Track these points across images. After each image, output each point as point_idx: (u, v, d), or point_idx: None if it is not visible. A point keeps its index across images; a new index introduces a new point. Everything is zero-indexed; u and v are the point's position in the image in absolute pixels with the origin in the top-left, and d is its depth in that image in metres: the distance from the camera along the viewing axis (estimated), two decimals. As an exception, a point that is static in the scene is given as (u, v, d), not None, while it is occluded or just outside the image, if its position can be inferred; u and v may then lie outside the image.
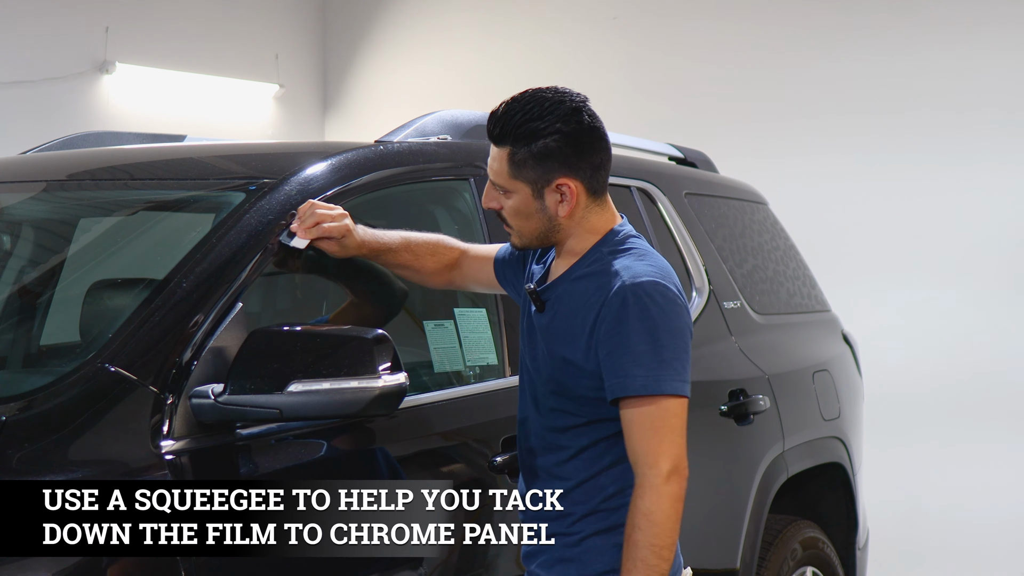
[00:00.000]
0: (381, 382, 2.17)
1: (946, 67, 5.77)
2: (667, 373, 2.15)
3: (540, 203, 2.26)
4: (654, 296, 2.17)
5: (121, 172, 3.02)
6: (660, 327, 2.16)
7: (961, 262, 5.73)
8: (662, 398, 2.15)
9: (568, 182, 2.24)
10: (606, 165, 2.30)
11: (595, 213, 2.30)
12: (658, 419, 2.16)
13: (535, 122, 2.22)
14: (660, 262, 2.26)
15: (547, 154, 2.22)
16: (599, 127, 2.29)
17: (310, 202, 2.46)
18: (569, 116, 2.24)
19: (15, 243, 3.11)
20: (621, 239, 2.29)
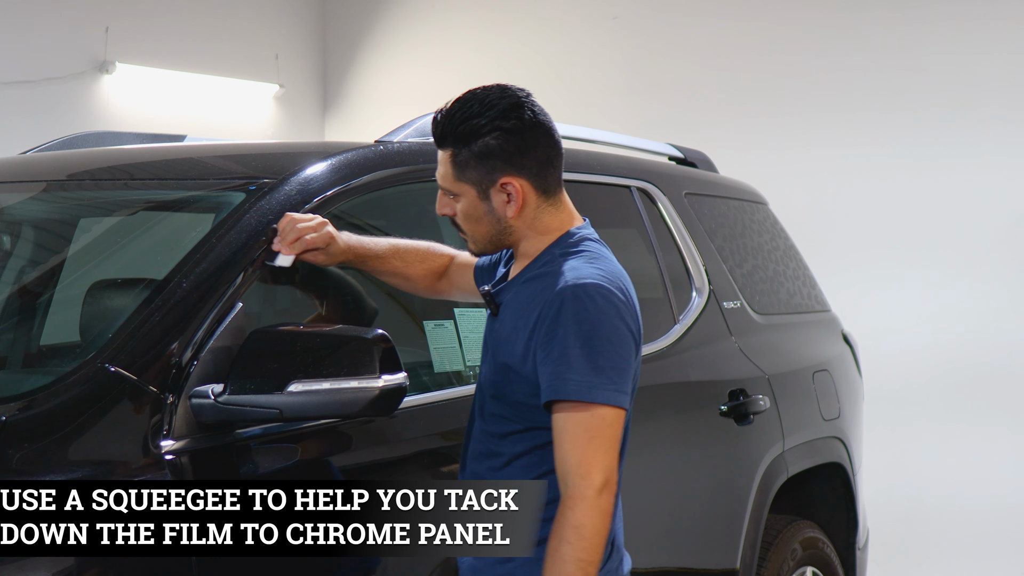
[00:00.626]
0: (381, 382, 2.17)
1: (947, 63, 5.77)
2: (601, 381, 2.05)
3: (487, 205, 2.19)
4: (595, 299, 2.08)
5: (121, 172, 3.02)
6: (597, 332, 2.06)
7: (960, 253, 5.72)
8: (596, 407, 2.05)
9: (512, 181, 2.16)
10: (555, 161, 2.21)
11: (548, 214, 2.22)
12: (592, 428, 2.05)
13: (474, 120, 2.14)
14: (611, 266, 2.18)
15: (488, 153, 2.15)
16: (544, 121, 2.19)
17: (288, 216, 2.39)
18: (509, 112, 2.15)
19: (15, 243, 3.11)
20: (576, 241, 2.21)
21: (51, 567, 1.93)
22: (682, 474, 3.33)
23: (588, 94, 6.82)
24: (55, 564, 1.93)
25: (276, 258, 2.35)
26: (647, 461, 3.18)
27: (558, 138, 2.22)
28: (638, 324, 2.15)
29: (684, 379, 3.37)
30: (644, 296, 3.50)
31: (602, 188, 3.44)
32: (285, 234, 2.36)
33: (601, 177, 3.43)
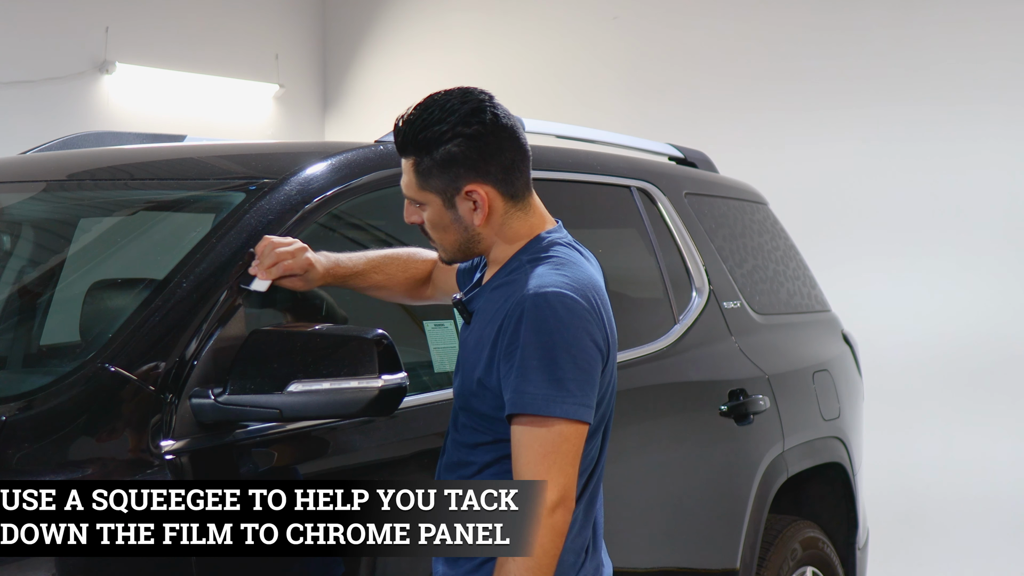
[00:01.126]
0: (381, 382, 2.17)
1: (947, 62, 5.77)
2: (561, 395, 1.98)
3: (454, 213, 2.12)
4: (556, 308, 2.01)
5: (121, 172, 3.02)
6: (558, 344, 1.99)
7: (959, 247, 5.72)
8: (554, 421, 1.99)
9: (477, 188, 2.09)
10: (521, 165, 2.14)
11: (517, 219, 2.15)
12: (548, 444, 1.99)
13: (435, 127, 2.07)
14: (578, 272, 2.10)
15: (451, 160, 2.08)
16: (508, 124, 2.11)
17: (267, 239, 2.33)
18: (470, 117, 2.08)
19: (15, 243, 3.11)
20: (544, 246, 2.14)
21: (51, 567, 1.93)
22: (682, 474, 3.33)
23: (588, 94, 6.83)
24: (55, 564, 1.93)
25: (252, 282, 2.30)
26: (647, 461, 3.18)
27: (524, 141, 2.16)
28: (606, 332, 2.09)
29: (684, 379, 3.37)
30: (644, 296, 3.52)
31: (602, 188, 3.44)
32: (263, 258, 2.30)
33: (601, 177, 3.43)
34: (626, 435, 3.08)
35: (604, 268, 3.42)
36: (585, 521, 2.19)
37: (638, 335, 3.29)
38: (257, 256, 2.32)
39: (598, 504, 2.25)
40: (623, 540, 3.07)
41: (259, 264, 2.31)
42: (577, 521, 2.17)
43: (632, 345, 3.22)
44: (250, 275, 2.31)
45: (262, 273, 2.30)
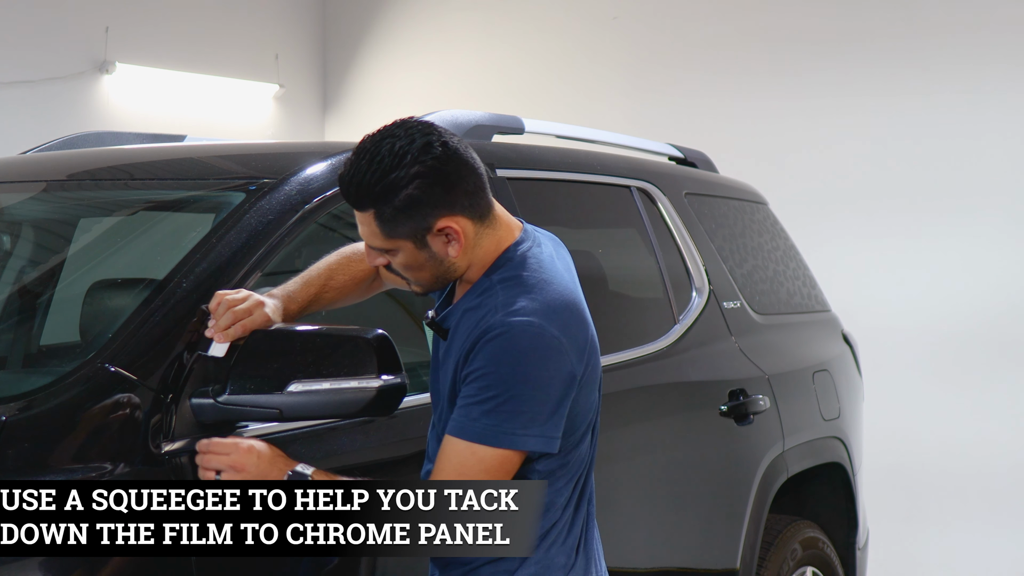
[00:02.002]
0: (380, 382, 2.17)
1: (946, 62, 5.78)
2: (492, 422, 1.98)
3: (427, 252, 2.08)
4: (519, 341, 1.98)
5: (121, 172, 3.02)
6: (516, 377, 1.97)
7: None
8: (476, 446, 1.99)
9: (449, 223, 2.05)
10: (481, 186, 2.09)
11: (487, 237, 2.11)
12: (463, 464, 2.01)
13: (390, 175, 2.00)
14: (549, 293, 2.06)
15: (415, 203, 2.01)
16: (458, 150, 2.05)
17: (219, 295, 2.20)
18: (422, 154, 2.01)
19: (15, 243, 3.11)
20: (516, 263, 2.10)
21: (51, 567, 1.93)
22: (682, 474, 3.33)
23: (588, 94, 6.83)
24: (55, 564, 1.93)
25: (210, 347, 2.16)
26: (647, 461, 3.19)
27: (477, 161, 2.09)
28: (572, 359, 2.04)
29: (684, 379, 3.37)
30: (644, 296, 3.52)
31: (602, 188, 3.44)
32: (219, 318, 2.17)
33: (601, 177, 3.43)
34: (626, 435, 3.08)
35: (604, 268, 3.44)
36: (574, 523, 2.20)
37: (638, 335, 3.29)
38: (212, 315, 2.19)
39: (586, 512, 2.24)
40: (623, 540, 3.07)
41: (215, 325, 2.17)
42: (565, 524, 2.18)
43: (632, 345, 3.22)
44: (207, 339, 2.18)
45: (219, 336, 2.16)
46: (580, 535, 2.22)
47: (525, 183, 3.05)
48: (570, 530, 2.18)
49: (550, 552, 2.15)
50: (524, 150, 3.19)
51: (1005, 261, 5.62)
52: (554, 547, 2.15)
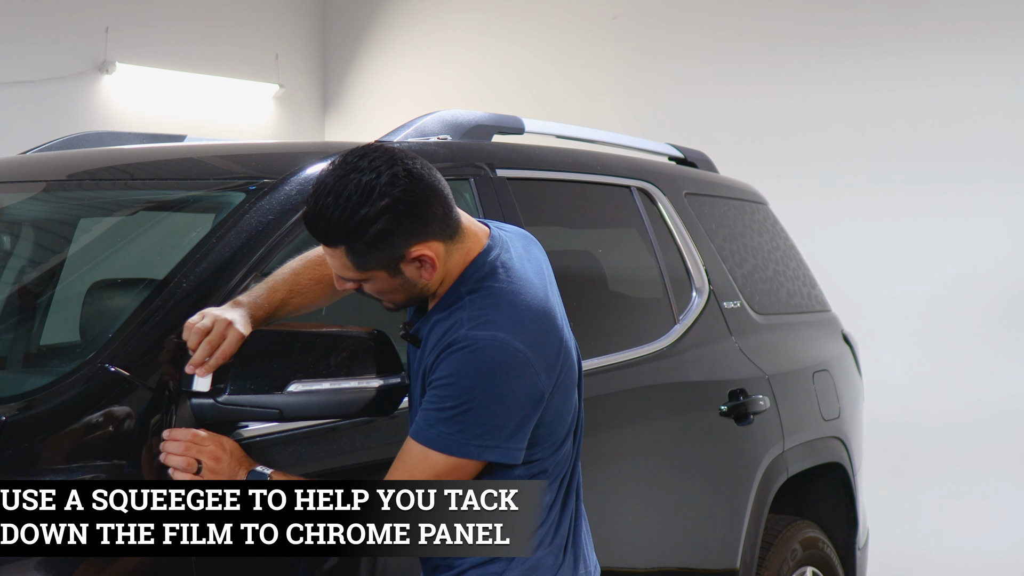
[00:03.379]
0: (380, 382, 2.17)
1: (947, 67, 5.78)
2: (449, 431, 2.00)
3: (401, 278, 2.08)
4: (482, 355, 1.99)
5: (121, 172, 3.02)
6: (475, 390, 1.99)
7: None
8: (429, 451, 2.02)
9: (423, 250, 2.05)
10: (448, 207, 2.07)
11: (456, 252, 2.10)
12: (414, 467, 2.03)
13: (359, 211, 1.98)
14: (516, 307, 2.06)
15: (386, 236, 2.00)
16: (423, 176, 2.03)
17: (187, 325, 2.14)
18: (389, 187, 1.98)
19: (15, 243, 3.11)
20: (484, 275, 2.10)
21: (51, 567, 1.92)
22: (682, 474, 3.33)
23: (588, 94, 6.83)
24: (55, 564, 1.93)
25: (193, 382, 2.13)
26: (647, 461, 3.18)
27: (441, 182, 2.07)
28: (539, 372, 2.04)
29: (684, 379, 3.37)
30: (644, 296, 3.52)
31: (602, 188, 3.44)
32: (194, 352, 2.12)
33: (601, 177, 3.43)
34: (626, 435, 3.08)
35: (604, 268, 3.44)
36: (560, 522, 2.20)
37: (638, 335, 3.29)
38: (189, 347, 2.14)
39: (573, 508, 2.25)
40: (623, 540, 3.07)
41: (193, 360, 2.12)
42: (552, 524, 2.18)
43: (632, 345, 3.22)
44: (188, 374, 2.14)
45: (200, 371, 2.12)
46: (568, 533, 2.22)
47: (525, 183, 3.05)
48: (557, 529, 2.19)
49: (538, 552, 2.16)
50: (524, 150, 3.19)
51: (1003, 246, 5.62)
52: (541, 547, 2.16)
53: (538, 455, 2.13)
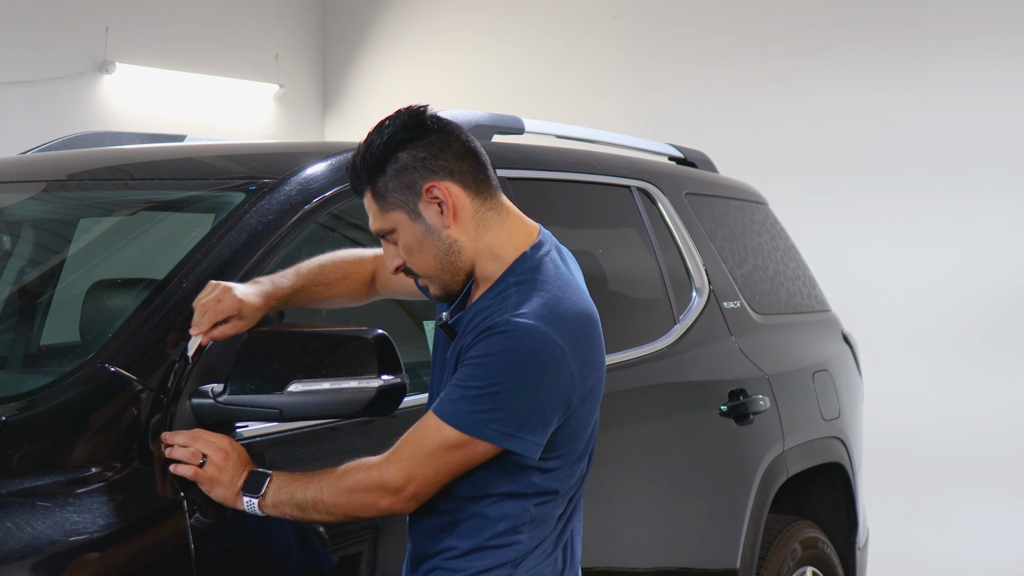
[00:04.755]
0: (381, 382, 2.17)
1: (946, 64, 5.78)
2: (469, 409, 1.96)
3: (422, 224, 2.06)
4: (519, 342, 1.95)
5: (121, 172, 3.02)
6: (508, 375, 1.95)
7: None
8: (444, 424, 1.98)
9: (438, 185, 2.04)
10: (475, 160, 2.08)
11: (493, 221, 2.09)
12: (425, 436, 2.00)
13: (376, 147, 2.05)
14: (562, 304, 2.02)
15: (403, 168, 2.04)
16: (449, 124, 2.08)
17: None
18: (408, 122, 2.05)
19: (15, 243, 3.11)
20: (532, 267, 2.07)
21: (51, 567, 1.92)
22: (682, 474, 3.33)
23: (588, 94, 6.83)
24: (55, 564, 1.93)
25: (189, 343, 2.17)
26: (647, 461, 3.18)
27: (474, 142, 2.10)
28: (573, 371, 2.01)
29: (684, 379, 3.37)
30: (644, 296, 3.52)
31: (602, 188, 3.44)
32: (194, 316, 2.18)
33: (601, 177, 3.43)
34: (626, 435, 3.08)
35: (604, 268, 3.44)
36: (562, 534, 2.16)
37: (638, 335, 3.29)
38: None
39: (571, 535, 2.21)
40: (623, 540, 3.07)
41: (192, 323, 2.18)
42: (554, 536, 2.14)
43: (632, 345, 3.22)
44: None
45: (194, 329, 2.16)
46: (567, 544, 2.19)
47: (525, 183, 3.05)
48: (557, 541, 2.16)
49: (540, 564, 2.11)
50: (524, 150, 3.19)
51: (1003, 250, 5.62)
52: (542, 558, 2.12)
53: (555, 464, 2.07)
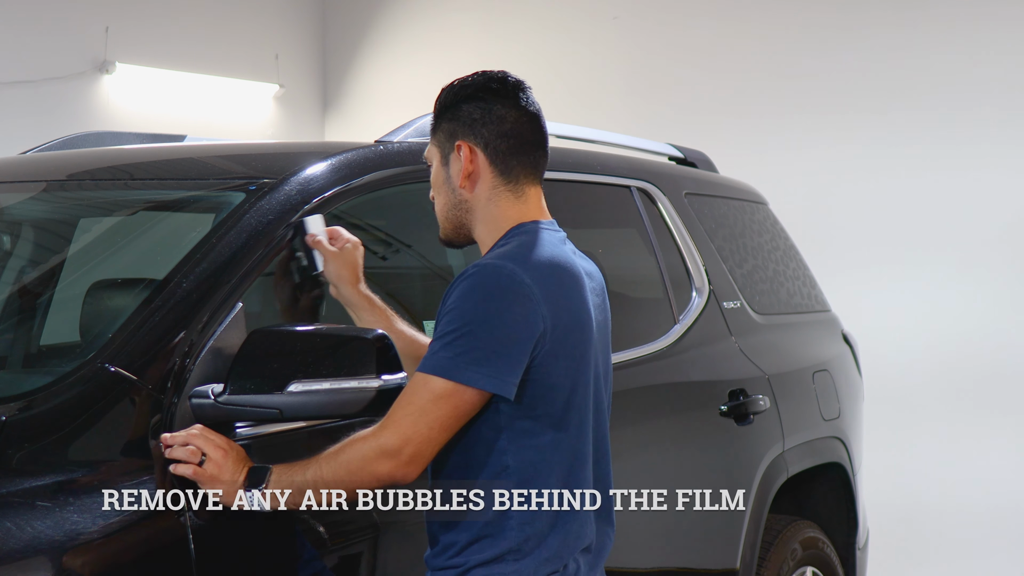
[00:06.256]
0: (381, 382, 2.17)
1: (946, 63, 5.78)
2: (449, 356, 2.00)
3: (446, 172, 2.21)
4: (486, 279, 2.03)
5: (121, 172, 3.02)
6: (476, 312, 2.01)
7: (959, 254, 5.73)
8: (429, 377, 2.02)
9: (465, 144, 2.17)
10: (522, 147, 2.17)
11: (505, 199, 2.17)
12: (413, 394, 2.03)
13: (456, 90, 2.22)
14: (539, 251, 2.09)
15: (455, 117, 2.20)
16: (517, 103, 2.19)
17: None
18: (485, 86, 2.21)
19: (15, 243, 3.11)
20: (524, 231, 2.15)
21: (51, 567, 1.92)
22: (682, 474, 3.33)
23: (588, 94, 6.82)
24: (55, 564, 1.93)
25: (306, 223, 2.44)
26: (647, 461, 3.18)
27: (536, 134, 2.20)
28: (539, 307, 2.03)
29: (684, 379, 3.37)
30: (644, 296, 3.52)
31: (602, 188, 3.44)
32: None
33: (601, 177, 3.43)
34: (626, 435, 3.08)
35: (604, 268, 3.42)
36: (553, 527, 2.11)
37: (638, 335, 3.29)
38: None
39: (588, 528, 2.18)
40: (623, 540, 3.06)
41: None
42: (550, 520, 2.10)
43: (632, 345, 3.22)
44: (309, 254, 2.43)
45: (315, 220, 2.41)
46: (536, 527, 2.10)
47: (525, 183, 3.04)
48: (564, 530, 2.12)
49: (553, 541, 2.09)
50: (524, 150, 3.18)
51: (1002, 278, 5.64)
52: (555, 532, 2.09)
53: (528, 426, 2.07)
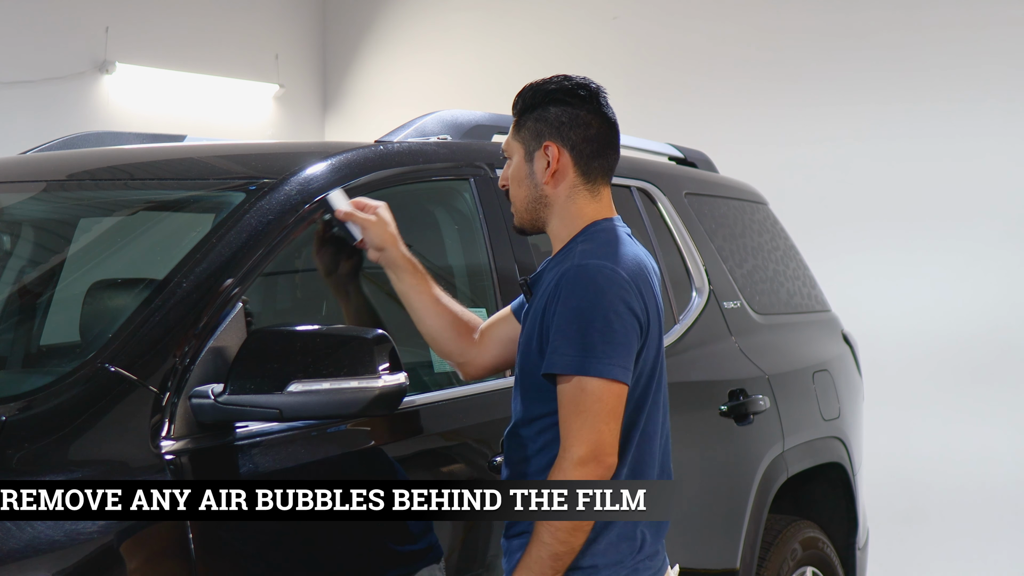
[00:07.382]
0: (381, 382, 2.17)
1: (947, 60, 5.78)
2: (590, 354, 2.11)
3: (530, 167, 2.31)
4: (595, 277, 2.15)
5: (121, 172, 3.02)
6: (592, 308, 2.12)
7: (961, 245, 5.73)
8: (582, 379, 2.11)
9: (553, 145, 2.29)
10: (604, 151, 2.32)
11: (583, 197, 2.31)
12: (579, 401, 2.11)
13: (543, 92, 2.33)
14: (625, 249, 2.23)
15: (543, 118, 2.31)
16: (606, 115, 2.33)
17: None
18: (573, 91, 2.32)
19: (15, 243, 3.11)
20: (600, 229, 2.28)
21: (51, 567, 1.92)
22: (682, 474, 3.33)
23: (588, 94, 6.81)
24: (55, 564, 1.93)
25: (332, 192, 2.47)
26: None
27: (611, 131, 2.33)
28: (645, 304, 2.19)
29: (684, 379, 3.37)
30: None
31: (602, 188, 3.44)
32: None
33: (601, 177, 3.43)
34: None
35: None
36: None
37: (638, 335, 3.29)
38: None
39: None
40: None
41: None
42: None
43: (632, 345, 3.22)
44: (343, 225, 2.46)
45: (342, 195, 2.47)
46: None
47: (525, 183, 3.05)
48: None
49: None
50: (524, 150, 3.18)
51: (1004, 269, 5.63)
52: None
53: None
